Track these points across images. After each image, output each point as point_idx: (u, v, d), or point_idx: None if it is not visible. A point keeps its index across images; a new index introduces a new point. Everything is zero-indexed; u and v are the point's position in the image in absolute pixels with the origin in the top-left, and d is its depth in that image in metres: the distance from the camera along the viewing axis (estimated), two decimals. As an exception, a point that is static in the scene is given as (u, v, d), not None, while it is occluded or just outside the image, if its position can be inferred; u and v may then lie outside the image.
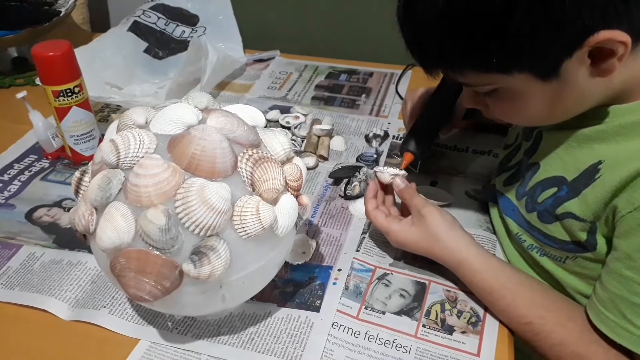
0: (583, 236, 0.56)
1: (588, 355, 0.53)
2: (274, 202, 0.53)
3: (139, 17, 1.12)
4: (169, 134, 0.52)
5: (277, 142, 0.57)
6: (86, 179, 0.55)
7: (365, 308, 0.63)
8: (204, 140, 0.50)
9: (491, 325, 0.61)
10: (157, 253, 0.48)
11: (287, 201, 0.54)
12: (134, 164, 0.50)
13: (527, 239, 0.64)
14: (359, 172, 0.80)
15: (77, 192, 0.56)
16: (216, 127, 0.52)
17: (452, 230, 0.62)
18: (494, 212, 0.73)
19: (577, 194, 0.56)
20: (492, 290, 0.60)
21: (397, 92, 1.07)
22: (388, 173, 0.69)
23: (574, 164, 0.57)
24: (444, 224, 0.62)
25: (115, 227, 0.48)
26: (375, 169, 0.70)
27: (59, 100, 0.79)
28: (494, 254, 0.65)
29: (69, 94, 0.79)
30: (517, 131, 0.73)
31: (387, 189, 0.71)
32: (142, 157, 0.50)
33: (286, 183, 0.55)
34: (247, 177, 0.51)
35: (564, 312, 0.57)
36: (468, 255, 0.61)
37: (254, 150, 0.53)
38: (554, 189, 0.59)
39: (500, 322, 0.61)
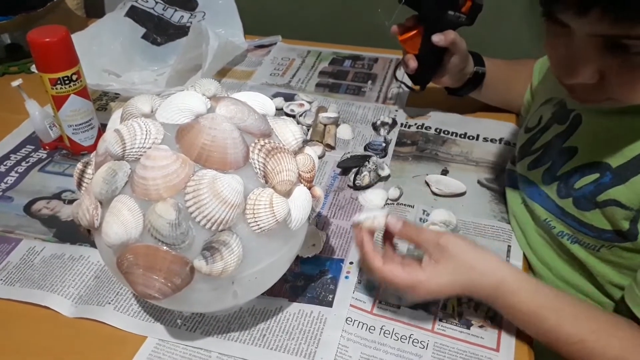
0: (625, 225, 0.54)
1: None
2: (287, 194, 0.51)
3: (136, 1, 1.08)
4: (176, 124, 0.49)
5: (289, 132, 0.55)
6: (89, 171, 0.53)
7: (380, 302, 0.61)
8: (214, 129, 0.47)
9: (509, 319, 0.59)
10: (167, 249, 0.46)
11: (301, 193, 0.52)
12: (141, 155, 0.47)
13: (557, 225, 0.62)
14: (369, 162, 0.78)
15: (79, 185, 0.53)
16: (226, 116, 0.50)
17: (477, 251, 0.55)
18: (513, 198, 0.70)
19: (624, 181, 0.54)
20: (531, 313, 0.53)
21: (395, 77, 1.02)
22: (379, 217, 0.57)
23: (620, 151, 0.55)
24: (467, 247, 0.55)
25: (122, 222, 0.46)
26: (357, 219, 0.57)
27: (56, 89, 0.76)
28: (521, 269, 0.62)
29: (67, 82, 0.75)
30: (540, 113, 0.70)
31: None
32: (149, 148, 0.47)
33: (299, 174, 0.53)
34: (259, 169, 0.49)
35: (609, 320, 0.53)
36: (504, 276, 0.54)
37: (266, 140, 0.50)
38: (596, 175, 0.57)
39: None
